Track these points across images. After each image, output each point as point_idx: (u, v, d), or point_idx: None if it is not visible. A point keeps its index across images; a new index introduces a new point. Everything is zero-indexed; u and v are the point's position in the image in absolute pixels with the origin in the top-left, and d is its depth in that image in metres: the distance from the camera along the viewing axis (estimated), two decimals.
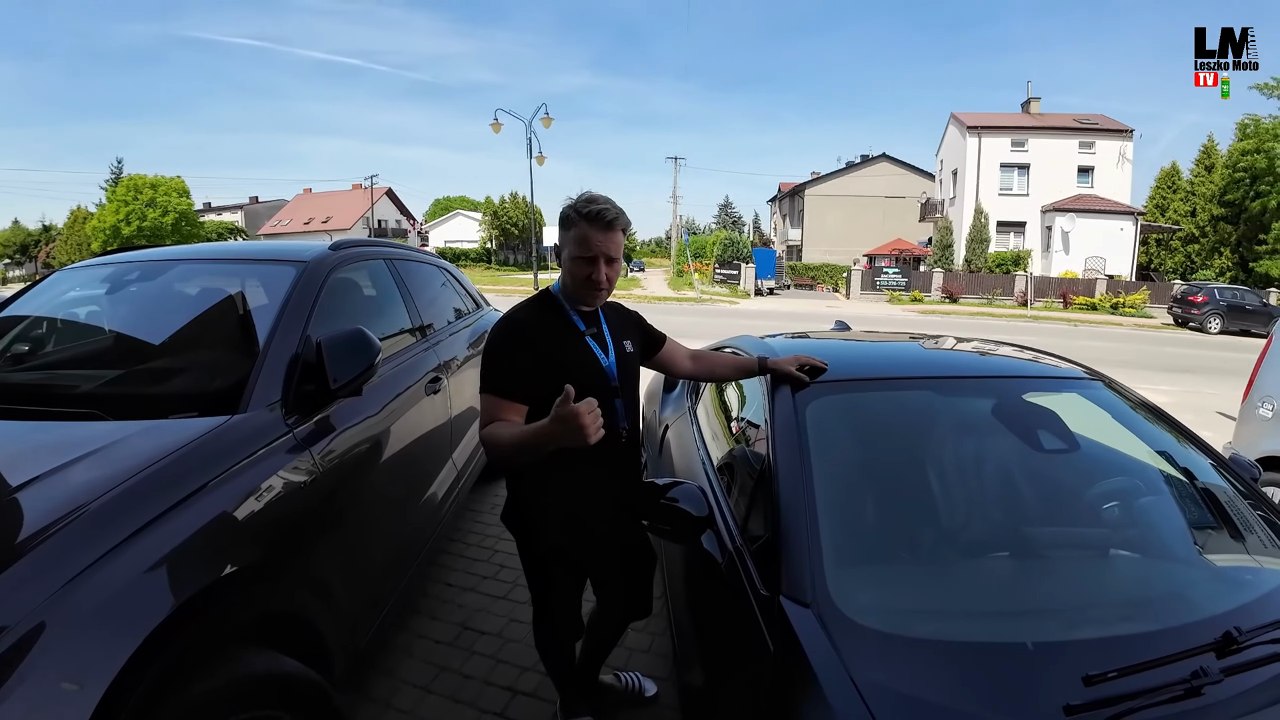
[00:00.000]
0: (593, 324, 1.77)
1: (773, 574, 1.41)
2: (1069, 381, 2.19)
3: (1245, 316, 19.95)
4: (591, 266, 1.66)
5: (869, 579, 1.50)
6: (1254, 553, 1.66)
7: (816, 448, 1.70)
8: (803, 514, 1.50)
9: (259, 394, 1.81)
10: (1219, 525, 1.76)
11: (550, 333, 1.69)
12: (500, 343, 1.66)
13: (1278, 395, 3.98)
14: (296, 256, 2.43)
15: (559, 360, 1.65)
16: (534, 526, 1.79)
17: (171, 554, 1.31)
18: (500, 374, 1.63)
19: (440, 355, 3.14)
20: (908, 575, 1.55)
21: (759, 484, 1.74)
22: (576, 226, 1.64)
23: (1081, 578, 1.59)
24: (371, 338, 2.00)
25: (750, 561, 1.52)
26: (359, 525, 2.07)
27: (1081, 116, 31.44)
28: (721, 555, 1.62)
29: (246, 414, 1.74)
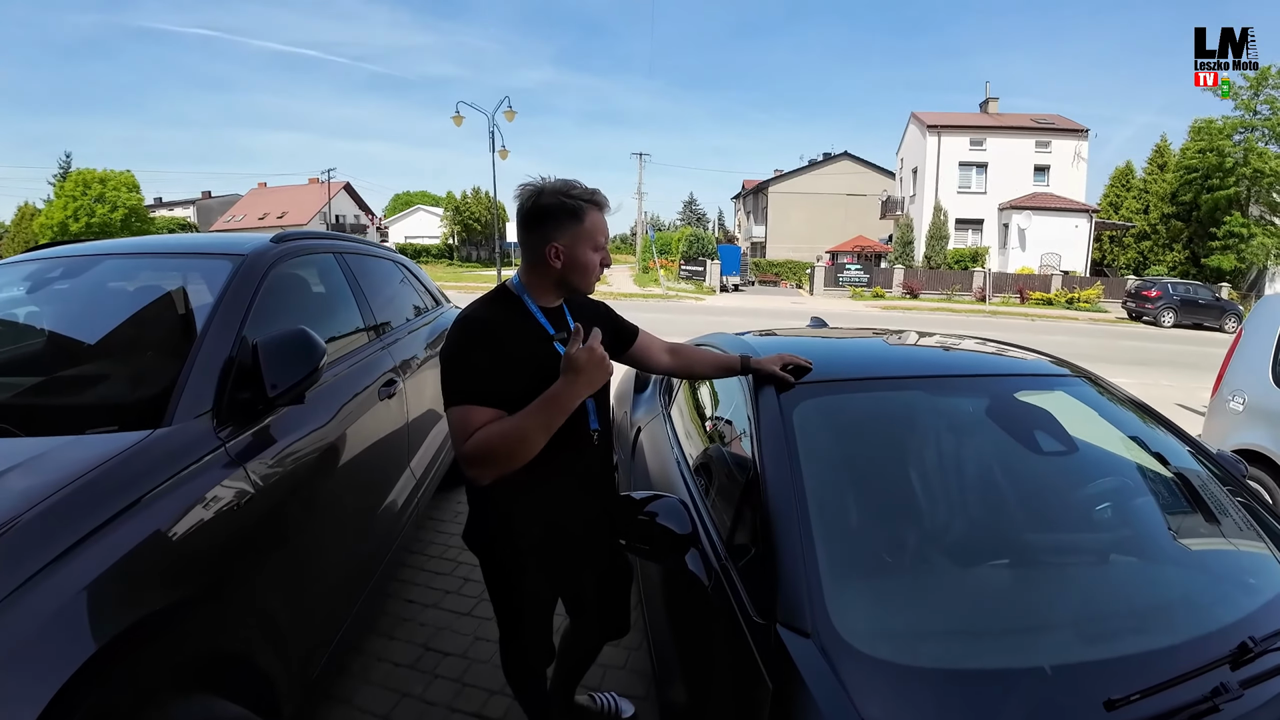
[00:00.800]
0: (560, 325, 1.60)
1: (766, 598, 1.28)
2: (1057, 379, 2.11)
3: (1198, 310, 20.66)
4: (604, 252, 1.57)
5: (871, 600, 1.38)
6: (1256, 554, 1.61)
7: (806, 454, 1.58)
8: (795, 528, 1.37)
9: (186, 403, 1.61)
10: (1218, 527, 1.70)
11: (513, 331, 1.51)
12: (462, 345, 1.46)
13: (1247, 388, 4.01)
14: (233, 250, 2.22)
15: (523, 360, 1.48)
16: (499, 545, 1.63)
17: (81, 596, 1.13)
18: (469, 379, 1.43)
19: (396, 356, 2.94)
20: (912, 593, 1.43)
21: (745, 495, 1.60)
22: (590, 215, 1.51)
23: (1092, 588, 1.49)
24: (315, 339, 1.80)
25: (740, 583, 1.38)
26: (306, 547, 1.88)
27: (1038, 116, 32.24)
28: (707, 576, 1.48)
29: (172, 427, 1.54)
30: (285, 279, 2.29)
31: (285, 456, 1.82)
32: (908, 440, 1.85)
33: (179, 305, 2.08)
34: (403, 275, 3.82)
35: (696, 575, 1.48)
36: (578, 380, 1.35)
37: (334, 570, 2.07)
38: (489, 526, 1.62)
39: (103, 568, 1.19)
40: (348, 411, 2.27)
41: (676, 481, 2.04)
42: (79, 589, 1.13)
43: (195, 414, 1.61)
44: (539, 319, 1.56)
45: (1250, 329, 4.25)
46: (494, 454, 1.36)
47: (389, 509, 2.58)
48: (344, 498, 2.20)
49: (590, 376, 1.36)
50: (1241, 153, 27.42)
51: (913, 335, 2.66)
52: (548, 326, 1.56)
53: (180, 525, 1.39)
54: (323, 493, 2.03)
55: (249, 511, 1.59)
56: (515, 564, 1.62)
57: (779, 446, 1.60)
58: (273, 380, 1.70)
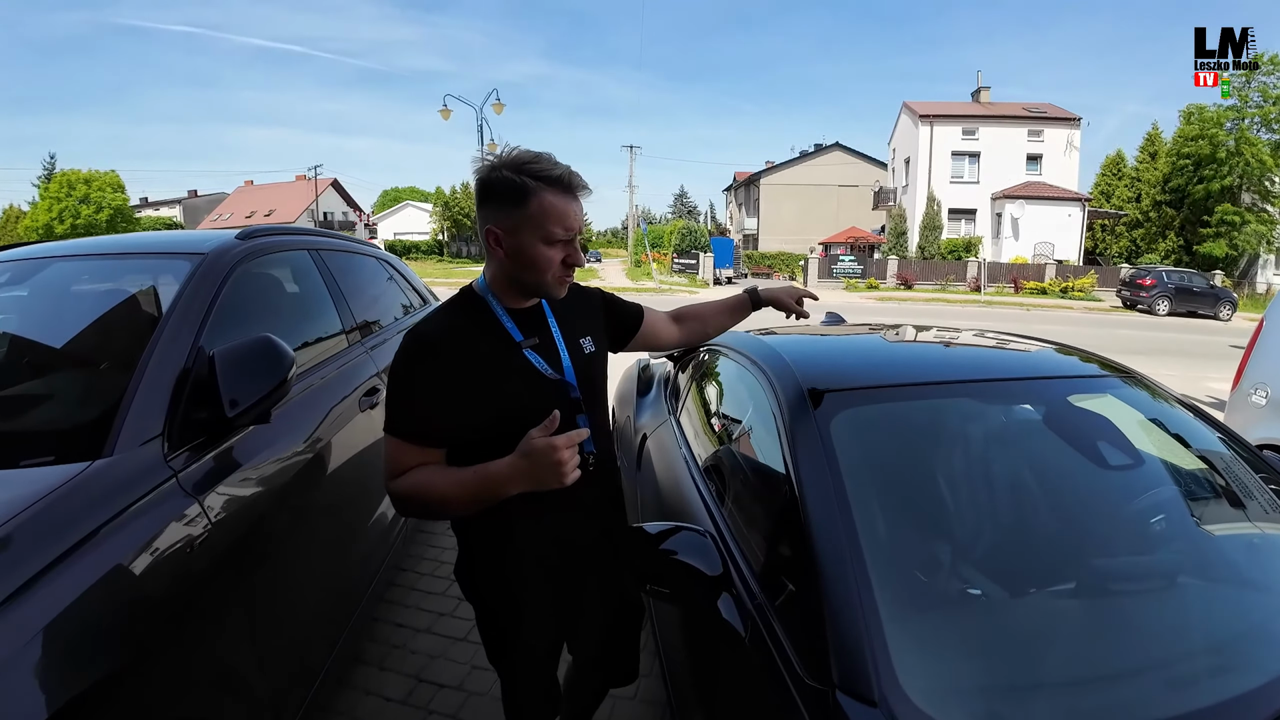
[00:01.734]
0: (534, 330, 1.35)
1: (817, 653, 1.07)
2: (1106, 380, 1.91)
3: (1192, 298, 20.59)
4: (570, 247, 1.26)
5: (944, 652, 1.16)
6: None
7: (850, 473, 1.36)
8: (846, 566, 1.16)
9: (132, 428, 1.38)
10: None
11: (473, 348, 1.26)
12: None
13: (1271, 381, 3.84)
14: (194, 248, 1.98)
15: (488, 384, 1.25)
16: (488, 588, 1.41)
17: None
18: (406, 410, 1.23)
19: (379, 362, 2.70)
20: (993, 640, 1.21)
21: (780, 524, 1.39)
22: (540, 198, 1.20)
23: (1197, 626, 1.29)
24: (281, 347, 1.58)
25: (783, 633, 1.17)
26: (276, 587, 1.65)
27: (1030, 105, 32.09)
28: (743, 624, 1.26)
29: (113, 457, 1.32)
30: (253, 279, 2.05)
31: (249, 485, 1.59)
32: (964, 456, 1.64)
33: (129, 313, 1.84)
34: (387, 273, 3.58)
35: (730, 624, 1.27)
36: (525, 474, 1.15)
37: (310, 609, 1.84)
38: (476, 567, 1.40)
39: (25, 637, 0.98)
40: (324, 427, 2.05)
41: (694, 504, 1.82)
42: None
43: (142, 440, 1.38)
44: (505, 324, 1.31)
45: (1271, 320, 4.10)
46: (413, 506, 1.22)
47: (373, 532, 2.35)
48: (320, 526, 1.97)
49: (540, 477, 1.14)
50: (1233, 141, 27.36)
51: (941, 332, 2.45)
52: (514, 331, 1.31)
53: (122, 578, 1.17)
54: (294, 524, 1.80)
55: (205, 553, 1.37)
56: (507, 611, 1.40)
57: (818, 465, 1.38)
58: (232, 396, 1.47)
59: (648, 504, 2.32)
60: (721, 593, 1.27)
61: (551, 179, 1.21)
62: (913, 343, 2.29)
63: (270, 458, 1.71)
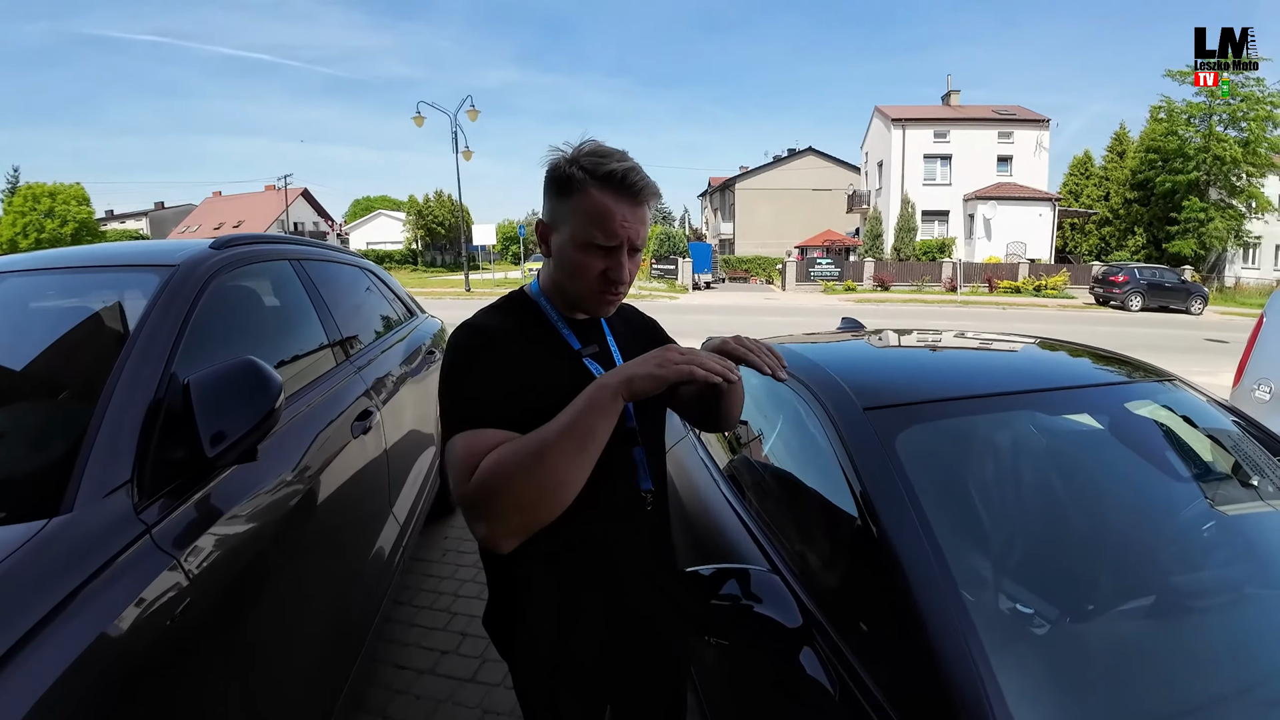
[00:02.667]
0: (592, 339, 1.17)
1: (929, 710, 0.92)
2: (1152, 385, 1.77)
3: (1164, 294, 20.93)
4: (611, 259, 1.05)
5: (1061, 693, 1.02)
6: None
7: (927, 499, 1.21)
8: (946, 606, 1.01)
9: (95, 474, 1.17)
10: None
11: (529, 348, 1.08)
12: (463, 360, 1.04)
13: (1275, 376, 3.79)
14: (163, 259, 1.76)
15: (544, 389, 1.04)
16: (526, 645, 1.21)
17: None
18: (473, 398, 1.00)
19: (368, 379, 2.48)
20: (1106, 670, 1.07)
21: (855, 556, 1.23)
22: (586, 194, 1.02)
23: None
24: (268, 372, 1.36)
25: (875, 687, 1.01)
26: (270, 647, 1.44)
27: (1000, 108, 32.57)
28: (830, 679, 1.09)
29: (73, 513, 1.10)
30: (229, 293, 1.83)
31: (235, 537, 1.37)
32: (1036, 471, 1.50)
33: (89, 335, 1.61)
34: (369, 282, 3.35)
35: (816, 680, 1.09)
36: (642, 369, 0.95)
37: (310, 662, 1.63)
38: (512, 619, 1.20)
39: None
40: (315, 459, 1.82)
41: (734, 534, 1.64)
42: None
43: (107, 489, 1.16)
44: (562, 331, 1.13)
45: (1272, 315, 4.05)
46: (507, 485, 0.90)
47: (372, 568, 2.13)
48: (316, 573, 1.75)
49: (664, 371, 0.95)
50: (1201, 138, 28.00)
51: (972, 337, 2.32)
52: (572, 339, 1.13)
53: (90, 667, 0.95)
54: (287, 574, 1.58)
55: (189, 622, 1.15)
56: (552, 665, 1.20)
57: (892, 491, 1.23)
58: (212, 432, 1.26)
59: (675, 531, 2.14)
60: (802, 647, 1.10)
61: (603, 173, 1.01)
62: (950, 350, 2.14)
63: (257, 501, 1.48)
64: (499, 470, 0.91)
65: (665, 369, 0.94)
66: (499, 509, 0.91)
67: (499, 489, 0.90)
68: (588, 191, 1.02)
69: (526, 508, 0.91)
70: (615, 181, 1.02)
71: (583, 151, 1.04)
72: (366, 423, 2.25)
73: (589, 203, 1.02)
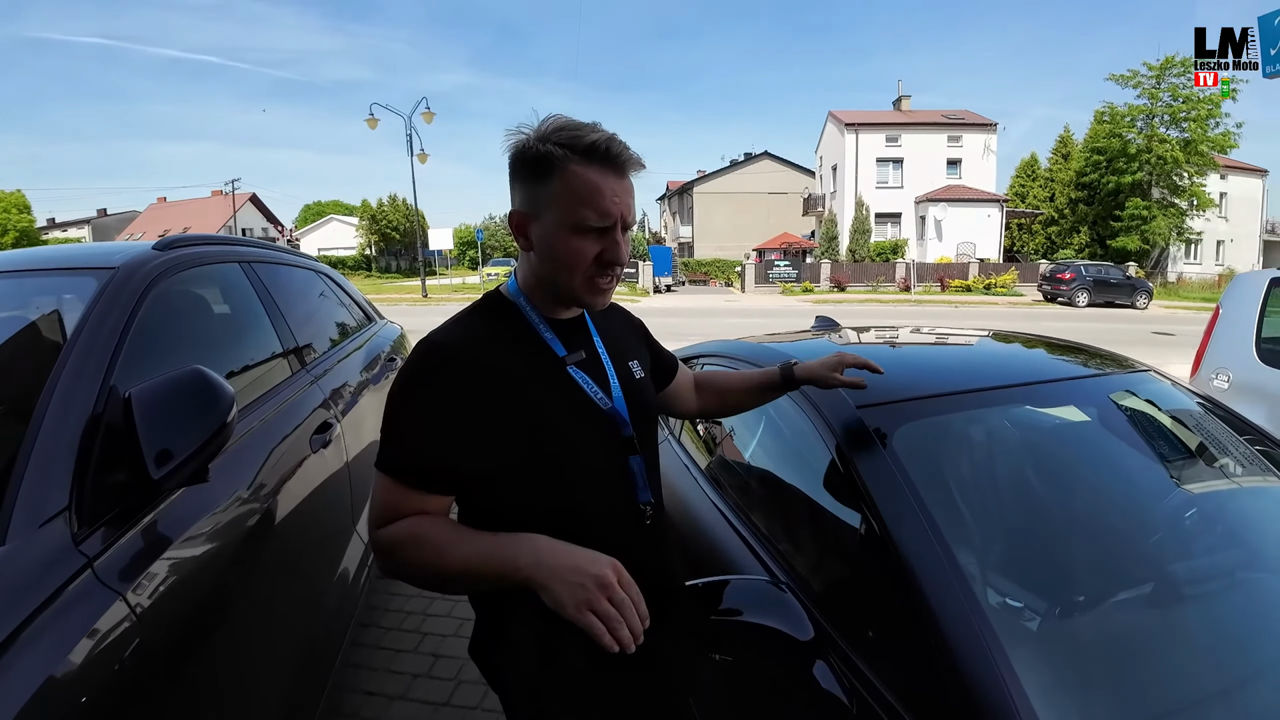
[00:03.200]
0: (577, 342, 1.07)
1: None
2: (1131, 376, 1.79)
3: (1110, 290, 21.79)
4: (606, 239, 0.96)
5: (1085, 694, 0.98)
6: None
7: (930, 497, 1.17)
8: (963, 609, 0.97)
9: (29, 502, 1.04)
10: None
11: (503, 362, 0.97)
12: (411, 386, 0.95)
13: (1232, 366, 3.94)
14: (102, 261, 1.61)
15: (520, 409, 0.95)
16: (513, 673, 1.12)
17: None
18: (410, 441, 0.93)
19: (326, 389, 2.34)
20: (1126, 664, 1.05)
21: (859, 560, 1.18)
22: (569, 172, 0.92)
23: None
24: (218, 383, 1.24)
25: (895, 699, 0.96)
26: (229, 687, 1.31)
27: (949, 112, 33.49)
28: (845, 693, 1.02)
29: (6, 546, 0.98)
30: (174, 298, 1.69)
31: (185, 566, 1.24)
32: (1034, 465, 1.48)
33: (20, 345, 1.46)
34: (324, 286, 3.18)
35: (831, 693, 1.03)
36: (561, 584, 0.84)
37: (269, 708, 1.50)
38: (501, 647, 1.11)
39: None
40: (271, 477, 1.69)
41: (727, 541, 1.57)
42: None
43: (42, 519, 1.03)
44: (544, 335, 1.03)
45: (1227, 306, 4.22)
46: (403, 563, 0.92)
47: (335, 591, 2.00)
48: (277, 601, 1.61)
49: (563, 585, 0.84)
50: (1144, 139, 29.23)
51: (950, 333, 2.31)
52: (556, 345, 1.03)
53: (29, 713, 0.83)
54: (244, 608, 1.44)
55: (136, 664, 1.02)
56: (541, 701, 1.11)
57: (892, 488, 1.18)
58: (157, 450, 1.13)
59: None
60: (815, 661, 1.04)
61: (583, 147, 0.92)
62: (935, 346, 2.13)
63: (209, 525, 1.35)
64: (401, 548, 0.92)
65: (579, 616, 0.84)
66: (393, 568, 0.94)
67: (396, 559, 0.92)
68: (570, 169, 0.92)
69: (415, 582, 0.94)
70: (599, 153, 0.93)
71: (553, 127, 0.94)
72: (326, 435, 2.12)
73: (575, 181, 0.93)
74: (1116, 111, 30.01)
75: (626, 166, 0.95)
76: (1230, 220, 35.19)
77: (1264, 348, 3.85)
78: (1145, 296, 21.72)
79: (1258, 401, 3.72)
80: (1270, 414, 3.65)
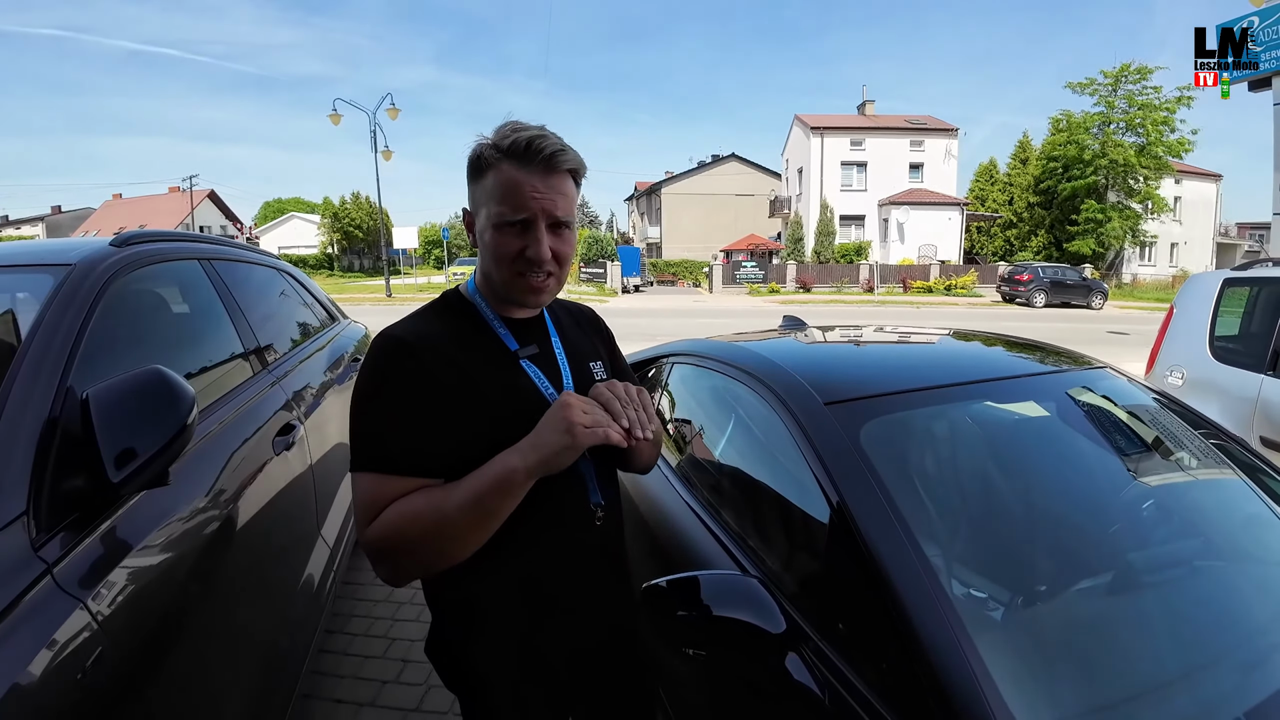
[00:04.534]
0: (533, 338, 1.09)
1: (925, 708, 0.92)
2: (1090, 372, 1.85)
3: (1066, 290, 22.50)
4: (528, 235, 0.98)
5: (1053, 678, 1.03)
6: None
7: (898, 492, 1.20)
8: (931, 600, 0.99)
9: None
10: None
11: (457, 357, 0.99)
12: (376, 380, 0.95)
13: (1186, 364, 4.08)
14: (57, 258, 1.56)
15: (475, 403, 0.96)
16: (467, 673, 1.11)
17: None
18: (381, 433, 0.93)
19: (289, 390, 2.30)
20: (1091, 651, 1.09)
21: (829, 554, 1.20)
22: (497, 169, 0.96)
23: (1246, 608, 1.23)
24: (178, 383, 1.21)
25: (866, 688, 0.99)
26: (190, 694, 1.28)
27: (912, 118, 34.22)
28: (818, 685, 1.04)
29: None
30: (132, 296, 1.64)
31: (146, 573, 1.21)
32: (995, 458, 1.53)
33: None
34: (285, 285, 3.11)
35: (805, 686, 1.05)
36: (554, 442, 0.90)
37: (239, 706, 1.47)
38: (462, 641, 1.10)
39: None
40: (233, 480, 1.65)
41: (700, 539, 1.59)
42: None
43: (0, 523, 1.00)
44: (498, 330, 1.06)
45: (1182, 306, 4.36)
46: (404, 546, 0.90)
47: (301, 601, 1.96)
48: (241, 607, 1.58)
49: (576, 440, 0.90)
50: (1099, 145, 30.22)
51: (912, 331, 2.36)
52: (509, 339, 1.05)
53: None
54: (208, 609, 1.41)
55: (98, 673, 0.99)
56: (496, 698, 1.10)
57: (861, 483, 1.21)
58: (116, 453, 1.10)
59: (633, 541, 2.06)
60: (787, 653, 1.06)
61: (507, 145, 0.96)
62: (901, 344, 2.17)
63: (170, 530, 1.32)
64: (397, 530, 0.89)
65: (578, 437, 0.89)
66: (395, 562, 0.92)
67: (396, 547, 0.90)
68: (499, 167, 0.97)
69: (423, 565, 0.94)
70: (519, 151, 0.96)
71: (500, 130, 0.98)
72: (289, 437, 2.08)
73: (499, 178, 0.97)
74: (1073, 119, 30.98)
75: (552, 162, 0.97)
76: (1184, 223, 36.57)
77: (1217, 345, 3.98)
78: (1101, 297, 22.46)
79: (1210, 397, 3.87)
80: (1223, 409, 3.80)
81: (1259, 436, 3.52)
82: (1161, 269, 34.55)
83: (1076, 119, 30.89)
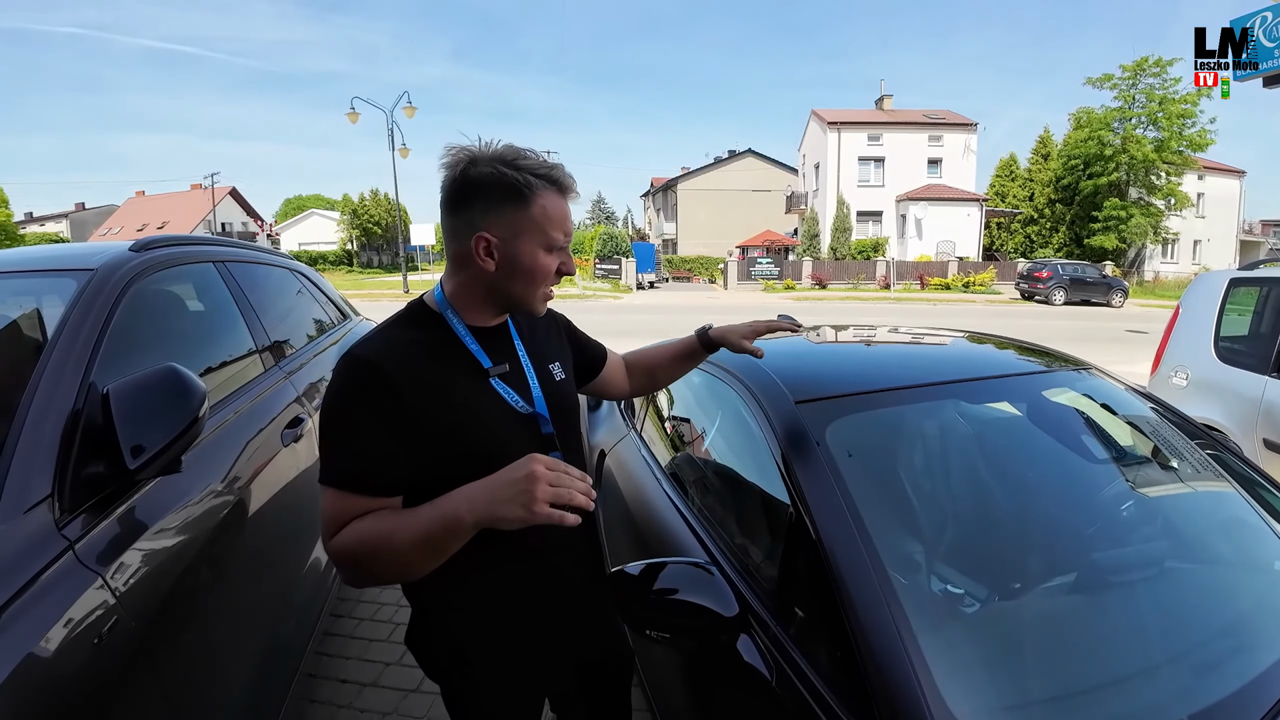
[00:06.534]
0: (501, 352, 1.14)
1: (860, 691, 0.99)
2: (1071, 374, 1.90)
3: (1086, 288, 22.20)
4: (564, 254, 1.10)
5: (991, 671, 1.08)
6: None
7: (857, 487, 1.27)
8: (876, 591, 1.07)
9: (15, 489, 1.12)
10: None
11: (428, 374, 1.02)
12: (342, 400, 0.99)
13: (1191, 364, 4.06)
14: (80, 263, 1.68)
15: (446, 419, 1.02)
16: (444, 660, 1.18)
17: None
18: (347, 451, 0.98)
19: (299, 385, 2.42)
20: (1037, 649, 1.15)
21: (789, 546, 1.28)
22: (542, 199, 1.03)
23: (1217, 616, 1.27)
24: (190, 379, 1.32)
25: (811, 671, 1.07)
26: (205, 666, 1.40)
27: (930, 112, 33.88)
28: (766, 665, 1.13)
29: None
30: (151, 298, 1.76)
31: (161, 552, 1.32)
32: (962, 458, 1.59)
33: (5, 344, 1.53)
34: (299, 285, 3.24)
35: (754, 667, 1.13)
36: (483, 497, 0.90)
37: (246, 681, 1.58)
38: (439, 630, 1.17)
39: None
40: (243, 469, 1.77)
41: (677, 530, 1.67)
42: None
43: (26, 505, 1.12)
44: (469, 345, 1.10)
45: (1188, 306, 4.32)
46: (361, 564, 0.95)
47: (308, 581, 2.08)
48: (250, 588, 1.69)
49: (499, 500, 0.89)
50: (1120, 141, 29.80)
51: (903, 332, 2.42)
52: (482, 356, 1.10)
53: (16, 681, 0.92)
54: (219, 589, 1.53)
55: (117, 643, 1.11)
56: (478, 684, 1.19)
57: (823, 481, 1.28)
58: (133, 443, 1.22)
59: (617, 530, 2.15)
60: (740, 634, 1.14)
61: (554, 179, 1.05)
62: (881, 344, 2.24)
63: (184, 514, 1.44)
64: (352, 550, 0.95)
65: (535, 515, 0.88)
66: (354, 572, 0.98)
67: (353, 563, 0.96)
68: (545, 196, 1.04)
69: (381, 579, 0.99)
70: (563, 184, 1.07)
71: (517, 156, 1.03)
72: (298, 430, 2.19)
73: (551, 207, 1.05)
74: (1094, 115, 30.54)
75: (574, 189, 1.09)
76: (1207, 220, 35.99)
77: (1222, 346, 3.94)
78: (1121, 295, 22.15)
79: (1214, 399, 3.84)
80: (1226, 410, 3.78)
81: (1262, 439, 3.49)
82: (1184, 266, 33.94)
83: (1097, 115, 30.45)
